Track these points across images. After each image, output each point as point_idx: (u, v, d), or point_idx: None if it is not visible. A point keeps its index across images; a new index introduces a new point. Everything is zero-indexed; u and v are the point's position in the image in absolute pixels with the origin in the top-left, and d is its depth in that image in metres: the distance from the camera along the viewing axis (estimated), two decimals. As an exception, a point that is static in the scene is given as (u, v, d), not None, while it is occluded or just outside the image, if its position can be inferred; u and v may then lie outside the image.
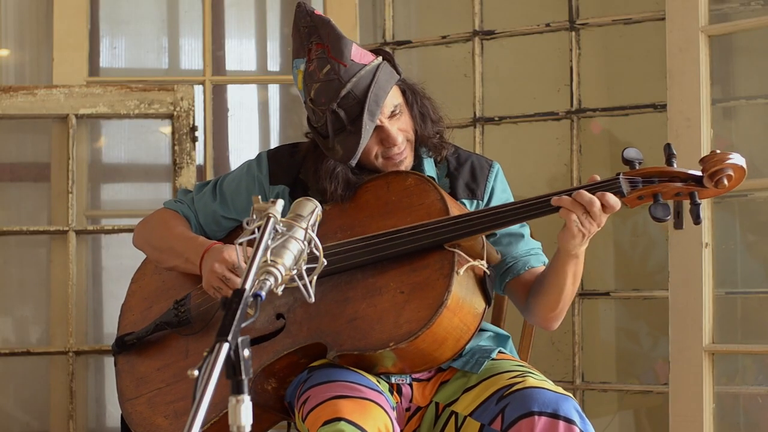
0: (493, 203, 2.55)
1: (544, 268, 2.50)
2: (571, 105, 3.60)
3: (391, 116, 2.44)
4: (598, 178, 2.30)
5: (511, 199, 2.61)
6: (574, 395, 3.52)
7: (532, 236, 2.60)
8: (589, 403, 3.61)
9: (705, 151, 3.16)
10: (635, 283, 3.86)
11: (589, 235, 2.30)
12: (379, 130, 2.43)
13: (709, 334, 3.15)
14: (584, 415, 2.25)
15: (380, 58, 2.46)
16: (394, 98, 2.44)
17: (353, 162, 2.41)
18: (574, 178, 3.57)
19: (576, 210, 2.26)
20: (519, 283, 2.52)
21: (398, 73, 2.47)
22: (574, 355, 3.55)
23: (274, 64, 4.29)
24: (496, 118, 3.70)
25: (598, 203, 2.25)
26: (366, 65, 2.40)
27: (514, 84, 3.90)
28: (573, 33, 3.59)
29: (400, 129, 2.46)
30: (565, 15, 3.61)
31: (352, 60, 2.39)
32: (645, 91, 3.59)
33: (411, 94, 2.51)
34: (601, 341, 3.88)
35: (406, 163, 2.50)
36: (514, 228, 2.50)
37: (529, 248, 2.53)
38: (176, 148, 3.63)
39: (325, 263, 1.89)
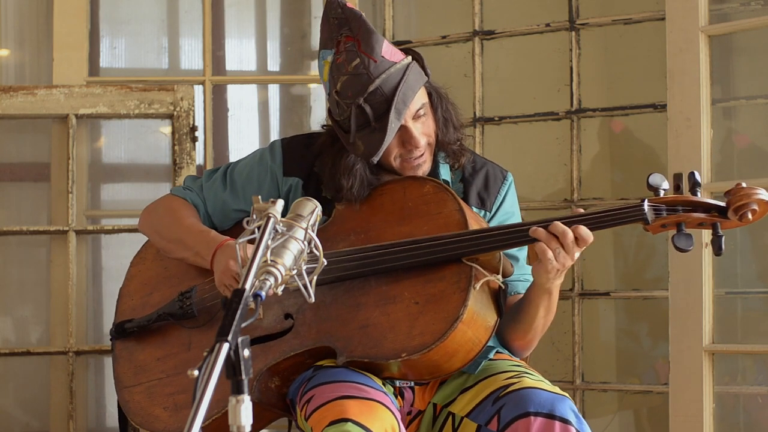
0: (499, 215, 2.53)
1: None
2: (571, 105, 3.60)
3: (415, 118, 2.41)
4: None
5: (518, 213, 2.60)
6: (574, 395, 3.54)
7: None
8: (589, 403, 3.61)
9: (705, 151, 3.16)
10: (636, 284, 3.86)
11: (563, 270, 2.28)
12: (403, 130, 2.40)
13: (709, 334, 3.15)
14: (580, 415, 2.24)
15: (410, 58, 2.43)
16: (420, 98, 2.42)
17: (376, 159, 2.38)
18: (574, 178, 3.57)
19: (550, 242, 2.24)
20: None
21: (426, 74, 2.45)
22: (574, 355, 3.55)
23: (274, 64, 4.29)
24: (496, 118, 3.70)
25: (571, 235, 2.23)
26: (396, 63, 2.38)
27: (514, 84, 3.90)
28: (573, 33, 3.59)
29: (423, 132, 2.43)
30: (565, 15, 3.61)
31: (382, 56, 2.36)
32: (645, 91, 3.59)
33: (437, 97, 2.48)
34: (601, 341, 3.88)
35: (425, 167, 2.47)
36: (513, 249, 2.47)
37: (521, 273, 2.51)
38: (176, 148, 3.63)
39: (325, 263, 1.89)
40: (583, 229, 2.24)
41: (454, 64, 3.87)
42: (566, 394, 2.27)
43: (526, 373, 2.35)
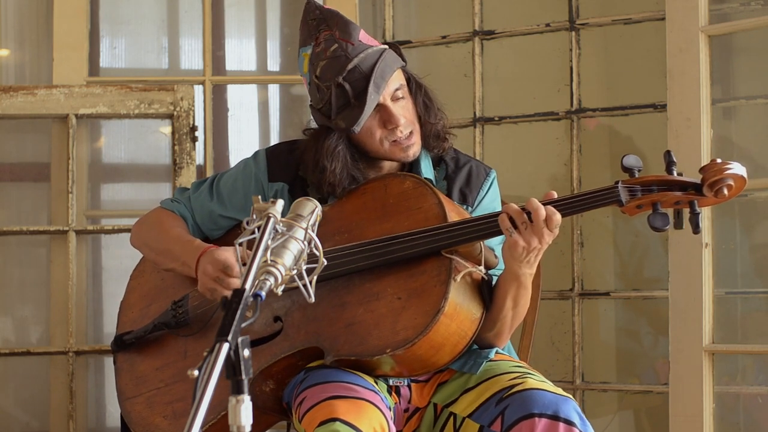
0: (478, 211, 2.53)
1: None
2: (571, 105, 3.60)
3: (394, 99, 2.44)
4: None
5: (499, 209, 2.59)
6: (574, 395, 3.54)
7: None
8: (589, 403, 3.61)
9: (705, 151, 3.16)
10: (635, 283, 3.86)
11: (533, 252, 2.27)
12: (382, 110, 2.42)
13: (709, 334, 3.15)
14: (584, 417, 2.24)
15: (386, 46, 2.48)
16: (398, 79, 2.45)
17: (356, 128, 2.40)
18: (574, 177, 3.57)
19: (517, 216, 2.25)
20: None
21: (404, 60, 2.49)
22: (574, 355, 3.55)
23: (274, 64, 4.29)
24: (496, 118, 3.70)
25: (543, 212, 2.23)
26: (373, 46, 2.44)
27: (514, 84, 3.90)
28: (573, 33, 3.59)
29: (403, 114, 2.45)
30: (565, 15, 3.61)
31: (359, 40, 2.42)
32: (645, 91, 3.59)
33: (415, 83, 2.51)
34: (601, 341, 3.88)
35: (414, 149, 2.48)
36: (494, 243, 2.47)
37: (498, 268, 2.49)
38: (176, 148, 3.63)
39: (326, 263, 1.89)
40: (550, 208, 2.24)
41: (454, 64, 3.87)
42: (570, 396, 2.27)
43: (529, 374, 2.36)
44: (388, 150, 2.47)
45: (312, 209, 1.91)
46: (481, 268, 2.34)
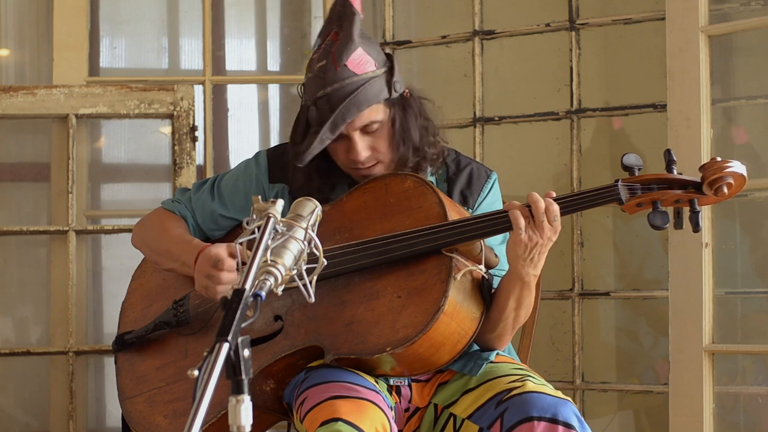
0: (478, 212, 2.52)
1: None
2: (571, 105, 3.60)
3: (367, 132, 2.43)
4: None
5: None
6: (574, 395, 3.54)
7: None
8: (589, 403, 3.61)
9: (705, 151, 3.16)
10: (635, 284, 3.86)
11: (536, 249, 2.27)
12: (348, 141, 2.42)
13: (709, 334, 3.15)
14: (583, 420, 2.24)
15: (380, 71, 2.42)
16: (372, 114, 2.41)
17: (300, 164, 2.42)
18: (574, 178, 3.57)
19: (523, 211, 2.25)
20: None
21: (391, 91, 2.43)
22: (574, 355, 3.55)
23: (274, 64, 4.29)
24: (496, 118, 3.70)
25: (542, 204, 2.24)
26: (356, 75, 2.38)
27: (514, 84, 3.90)
28: (573, 33, 3.59)
29: (372, 146, 2.44)
30: (565, 15, 3.61)
31: (345, 65, 2.37)
32: (645, 91, 3.59)
33: (399, 114, 2.46)
34: (601, 341, 3.88)
35: (377, 173, 2.48)
36: (495, 243, 2.48)
37: (499, 269, 2.48)
38: (176, 148, 3.63)
39: (325, 263, 1.89)
40: (548, 199, 2.25)
41: (454, 64, 3.87)
42: (569, 399, 2.27)
43: (529, 376, 2.35)
44: (350, 171, 2.50)
45: (312, 209, 1.91)
46: (482, 266, 2.33)
